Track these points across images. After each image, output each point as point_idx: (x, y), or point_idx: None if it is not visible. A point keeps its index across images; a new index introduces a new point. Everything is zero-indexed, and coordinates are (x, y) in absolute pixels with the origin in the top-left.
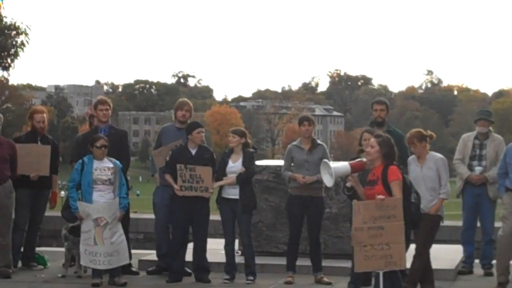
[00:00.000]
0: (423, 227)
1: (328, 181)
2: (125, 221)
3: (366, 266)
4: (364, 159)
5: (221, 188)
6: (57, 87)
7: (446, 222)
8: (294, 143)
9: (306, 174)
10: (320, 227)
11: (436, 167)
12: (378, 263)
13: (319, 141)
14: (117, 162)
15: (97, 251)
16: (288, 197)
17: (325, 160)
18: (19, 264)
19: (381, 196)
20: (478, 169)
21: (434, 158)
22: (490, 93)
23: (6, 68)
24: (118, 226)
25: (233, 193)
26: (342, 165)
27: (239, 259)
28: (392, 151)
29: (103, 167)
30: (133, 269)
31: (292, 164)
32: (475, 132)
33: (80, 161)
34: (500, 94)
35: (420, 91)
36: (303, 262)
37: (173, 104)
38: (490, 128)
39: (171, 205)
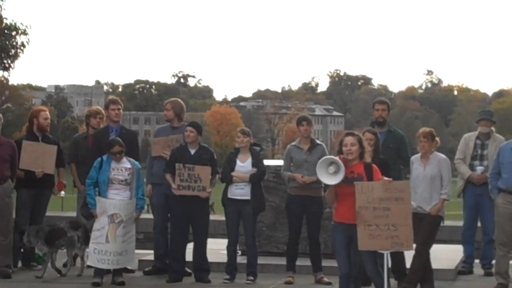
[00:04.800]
0: (423, 227)
1: (330, 180)
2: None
3: (370, 245)
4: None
5: (226, 188)
6: (57, 87)
7: (446, 222)
8: (293, 143)
9: (306, 174)
10: (319, 227)
11: (439, 167)
12: (383, 243)
13: (318, 141)
14: (136, 163)
15: (107, 250)
16: (287, 197)
17: (332, 157)
18: (19, 264)
19: (387, 178)
20: (479, 168)
21: (437, 158)
22: (490, 93)
23: (6, 69)
24: (132, 227)
25: (240, 193)
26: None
27: (239, 259)
28: (365, 149)
29: (121, 167)
30: (129, 267)
31: (292, 164)
32: (476, 132)
33: (99, 159)
34: (500, 94)
35: (420, 91)
36: (303, 262)
37: None
38: (492, 128)
39: (169, 204)
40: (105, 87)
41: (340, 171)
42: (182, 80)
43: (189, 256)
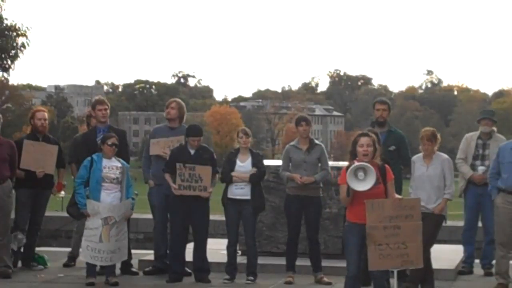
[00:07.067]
0: (426, 227)
1: (364, 185)
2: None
3: (380, 265)
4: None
5: (226, 188)
6: (57, 87)
7: (446, 222)
8: (292, 143)
9: (304, 174)
10: (318, 227)
11: (442, 167)
12: (394, 262)
13: (317, 141)
14: (125, 162)
15: (100, 248)
16: (286, 197)
17: (355, 164)
18: (19, 264)
19: (398, 196)
20: (481, 168)
21: (440, 158)
22: (490, 93)
23: (6, 69)
24: (124, 225)
25: (240, 193)
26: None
27: (239, 259)
28: (377, 150)
29: (112, 165)
30: (133, 269)
31: (290, 164)
32: (478, 132)
33: (89, 158)
34: (500, 94)
35: (420, 91)
36: (303, 262)
37: None
38: (494, 128)
39: (168, 204)
40: (105, 87)
41: (369, 173)
42: (182, 80)
43: (189, 256)
